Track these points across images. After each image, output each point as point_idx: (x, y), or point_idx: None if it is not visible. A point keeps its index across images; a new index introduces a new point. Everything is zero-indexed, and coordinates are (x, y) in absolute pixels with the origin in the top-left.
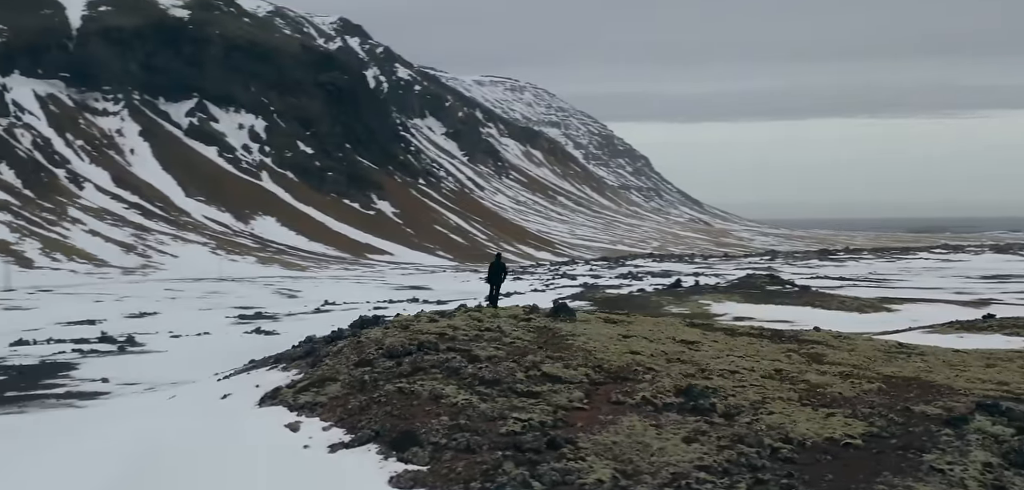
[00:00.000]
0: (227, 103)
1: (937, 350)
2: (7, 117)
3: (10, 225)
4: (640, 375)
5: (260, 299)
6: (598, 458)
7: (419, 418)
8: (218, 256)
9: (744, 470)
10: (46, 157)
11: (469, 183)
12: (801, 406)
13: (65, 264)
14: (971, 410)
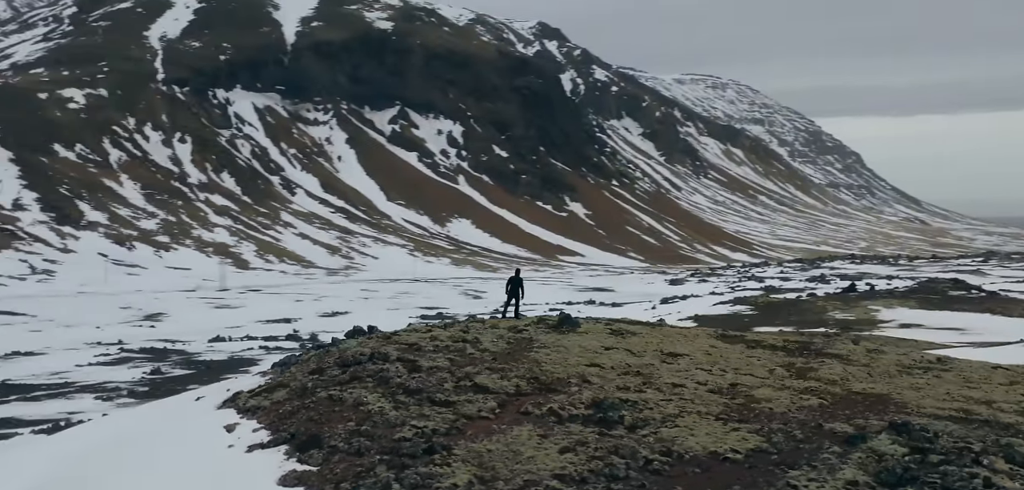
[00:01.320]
0: (427, 110)
1: (984, 367)
2: (229, 129)
3: (230, 229)
4: (571, 387)
5: (446, 299)
6: (463, 465)
7: (331, 423)
8: (415, 258)
9: (602, 479)
10: (263, 165)
11: (665, 183)
12: (714, 420)
13: (276, 265)
14: (881, 429)
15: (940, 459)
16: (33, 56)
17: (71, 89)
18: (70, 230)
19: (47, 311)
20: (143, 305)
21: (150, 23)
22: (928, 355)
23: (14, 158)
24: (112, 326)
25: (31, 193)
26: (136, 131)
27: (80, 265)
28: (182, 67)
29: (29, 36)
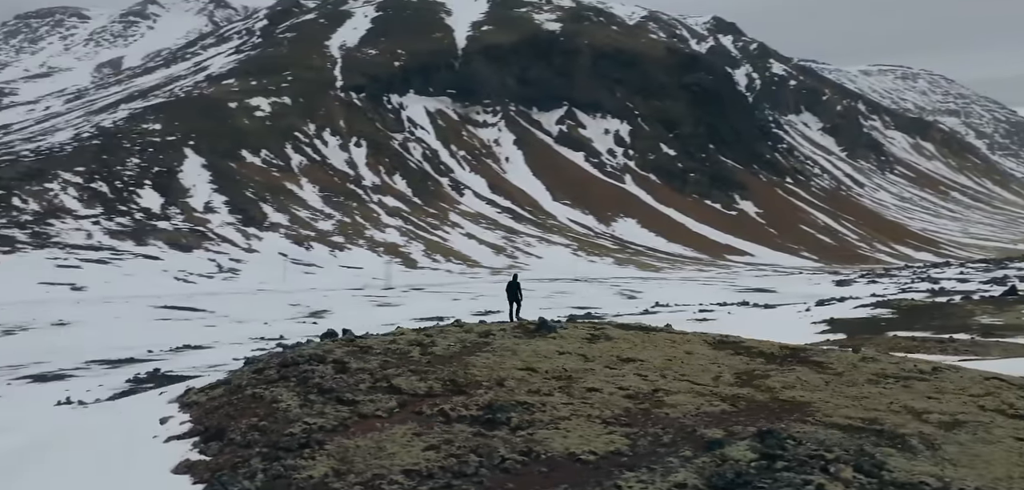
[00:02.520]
0: (594, 110)
1: (982, 378)
2: (402, 132)
3: (400, 229)
4: (479, 390)
5: (600, 299)
6: (327, 459)
7: (240, 418)
8: (578, 257)
9: (448, 475)
10: (433, 167)
11: (846, 180)
12: (599, 424)
13: (442, 265)
14: (748, 435)
15: (784, 465)
16: (226, 68)
17: (258, 98)
18: (254, 231)
19: (224, 307)
20: (311, 302)
21: (331, 33)
22: (926, 364)
23: (206, 164)
24: (279, 322)
25: (221, 197)
26: (316, 136)
27: (262, 264)
28: (359, 74)
29: (224, 49)
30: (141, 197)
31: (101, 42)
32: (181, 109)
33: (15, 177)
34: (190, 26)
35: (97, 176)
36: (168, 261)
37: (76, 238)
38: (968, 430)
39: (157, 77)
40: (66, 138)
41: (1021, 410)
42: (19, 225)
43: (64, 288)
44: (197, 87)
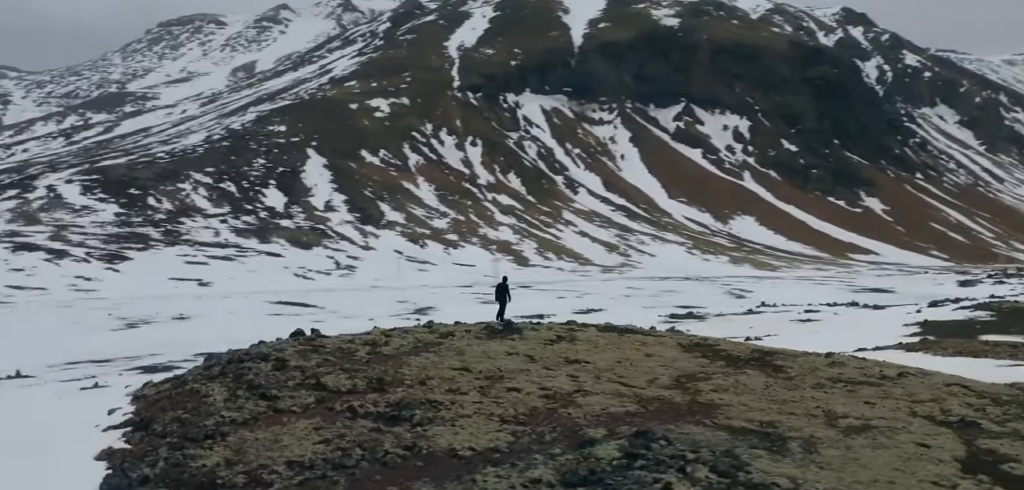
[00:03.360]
0: (712, 105)
1: (938, 383)
2: (517, 131)
3: (514, 227)
4: (398, 388)
5: (707, 299)
6: (224, 449)
7: (169, 411)
8: (692, 256)
9: (328, 465)
10: (548, 165)
11: (983, 175)
12: (498, 422)
13: (554, 263)
14: (624, 435)
15: (642, 465)
16: (348, 70)
17: (378, 99)
18: (372, 229)
19: (335, 303)
20: (418, 299)
21: (450, 34)
22: (895, 369)
23: (328, 164)
24: (383, 318)
25: (340, 195)
26: (433, 136)
27: (377, 261)
28: (475, 74)
29: (348, 51)
30: (266, 196)
31: (236, 47)
32: (305, 111)
33: (151, 178)
34: (319, 30)
35: (225, 176)
36: (289, 258)
37: (205, 236)
38: (870, 434)
39: (285, 80)
40: (198, 140)
41: (954, 417)
42: (153, 223)
43: (191, 284)
44: (321, 89)
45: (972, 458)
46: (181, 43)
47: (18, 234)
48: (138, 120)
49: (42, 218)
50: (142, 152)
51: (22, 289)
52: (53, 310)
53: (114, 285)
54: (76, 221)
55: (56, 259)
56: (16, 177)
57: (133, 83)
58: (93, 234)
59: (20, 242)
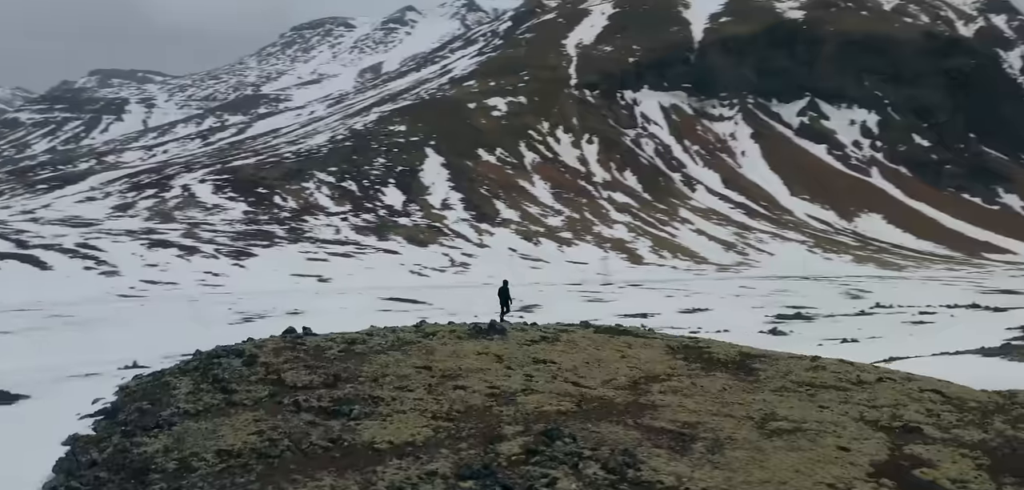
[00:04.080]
0: (838, 100)
1: (902, 386)
2: (635, 128)
3: (628, 225)
4: (349, 384)
5: (820, 299)
6: (167, 437)
7: (138, 401)
8: (814, 254)
9: (253, 455)
10: (665, 163)
11: None
12: (426, 416)
13: (668, 261)
14: (534, 432)
15: (537, 460)
16: (468, 70)
17: (495, 98)
18: (487, 227)
19: (443, 300)
20: (524, 296)
21: (568, 32)
22: (873, 374)
23: (445, 163)
24: (488, 316)
25: (457, 194)
26: (549, 134)
27: (491, 259)
28: (593, 71)
29: (469, 51)
30: (385, 195)
31: (364, 49)
32: (425, 111)
33: (278, 177)
34: (444, 30)
35: (347, 176)
36: (405, 255)
37: (326, 233)
38: (794, 437)
39: (407, 81)
40: (323, 141)
41: (900, 423)
42: (279, 221)
43: (311, 280)
44: (441, 89)
45: (888, 463)
46: (312, 46)
47: (154, 231)
48: (269, 121)
49: (176, 216)
50: (270, 152)
51: (155, 284)
52: (179, 304)
53: (239, 280)
54: (207, 219)
55: (187, 255)
56: (155, 177)
57: (267, 85)
58: (222, 231)
59: (155, 239)
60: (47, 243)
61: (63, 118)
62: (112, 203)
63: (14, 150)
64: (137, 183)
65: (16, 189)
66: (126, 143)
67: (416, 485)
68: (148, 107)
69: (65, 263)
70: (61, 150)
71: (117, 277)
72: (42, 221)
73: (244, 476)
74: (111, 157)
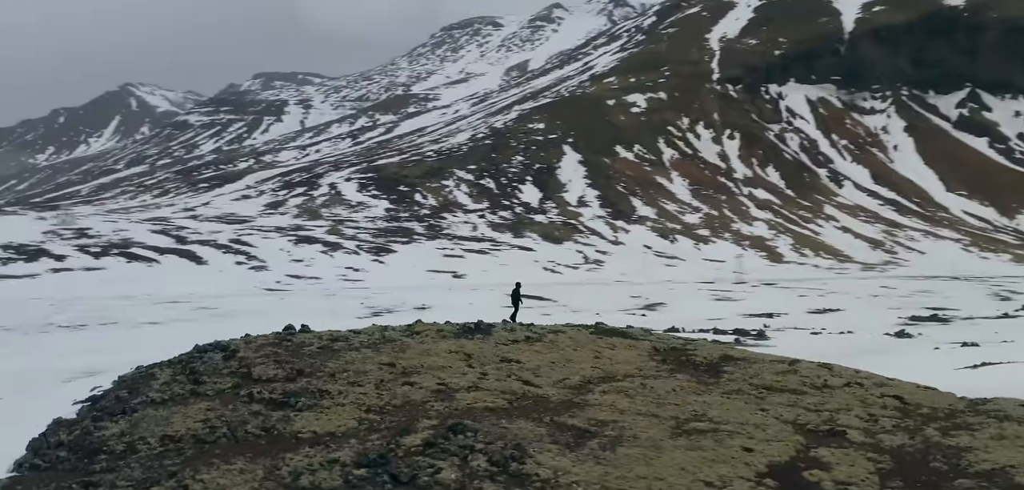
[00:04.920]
0: (1002, 90)
1: (851, 394)
2: (778, 122)
3: (769, 223)
4: (314, 378)
5: (964, 300)
6: (125, 425)
7: (122, 389)
8: (969, 253)
9: (192, 440)
10: (810, 158)
11: None
12: (360, 410)
13: (810, 260)
14: (442, 426)
15: (432, 451)
16: (609, 66)
17: (635, 94)
18: (622, 224)
19: (567, 297)
20: (650, 294)
21: (712, 25)
22: (841, 379)
23: (582, 160)
24: (610, 313)
25: (593, 191)
26: (689, 130)
27: (625, 257)
28: (736, 65)
29: (612, 47)
30: (522, 192)
31: (511, 47)
32: (563, 108)
33: (419, 175)
34: (591, 26)
35: (486, 173)
36: (540, 252)
37: (463, 230)
38: (702, 437)
39: (550, 78)
40: (464, 139)
41: (827, 427)
42: (418, 218)
43: (446, 276)
44: (581, 86)
45: (784, 465)
46: (461, 46)
47: (301, 228)
48: (416, 120)
49: (323, 213)
50: (414, 151)
51: (299, 278)
52: (319, 298)
53: (378, 276)
54: (351, 216)
55: (330, 251)
56: (305, 176)
57: (417, 85)
58: (365, 228)
59: (302, 235)
60: (204, 239)
61: (228, 120)
62: (265, 201)
63: (184, 150)
64: (288, 182)
65: (180, 188)
66: (284, 143)
67: (315, 471)
68: (305, 108)
69: (219, 258)
70: (226, 150)
71: (265, 272)
72: (201, 218)
73: (174, 459)
74: (268, 157)
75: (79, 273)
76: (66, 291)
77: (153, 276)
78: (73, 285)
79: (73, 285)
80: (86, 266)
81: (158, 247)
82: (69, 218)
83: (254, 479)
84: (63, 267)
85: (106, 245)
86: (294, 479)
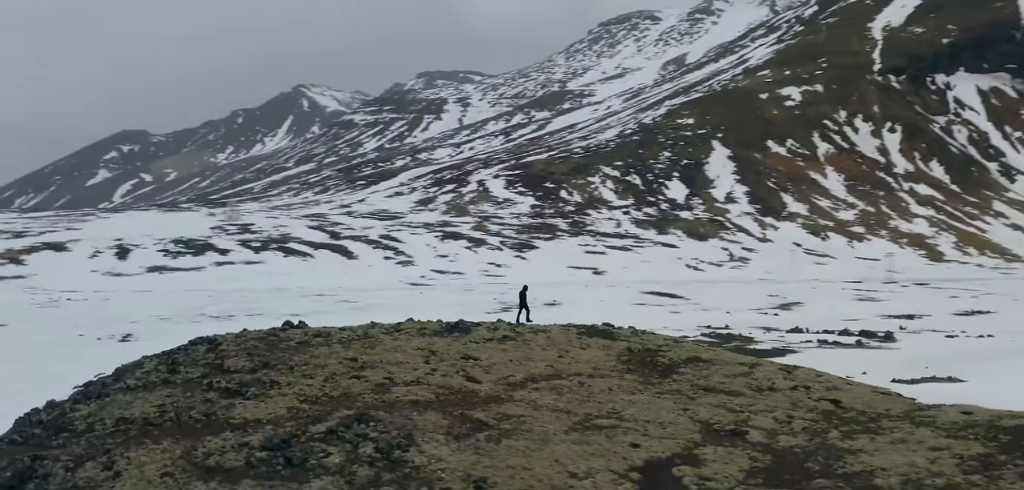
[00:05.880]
0: None
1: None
2: (945, 114)
3: (930, 220)
4: (276, 371)
5: None
6: (94, 408)
7: (117, 381)
8: None
9: (141, 423)
10: (979, 151)
11: None
12: (300, 401)
13: (973, 259)
14: (355, 417)
15: (333, 439)
16: (763, 59)
17: (789, 87)
18: (771, 221)
19: (702, 295)
20: (789, 293)
21: (875, 14)
22: (788, 383)
23: (732, 155)
24: (741, 312)
25: (742, 187)
26: (846, 123)
27: (771, 254)
28: (900, 55)
29: (769, 39)
30: (668, 189)
31: (669, 41)
32: (714, 103)
33: (565, 172)
34: (751, 17)
35: (632, 170)
36: (683, 249)
37: (606, 227)
38: (595, 433)
39: (703, 72)
40: (612, 135)
41: (731, 426)
42: (562, 215)
43: (586, 272)
44: (733, 80)
45: (661, 462)
46: (618, 41)
47: (448, 224)
48: (568, 117)
49: (470, 210)
50: (562, 148)
51: (443, 273)
52: (456, 292)
53: (518, 271)
54: (497, 212)
55: (475, 247)
56: (455, 173)
57: (572, 82)
58: (509, 224)
59: (449, 231)
60: (356, 235)
61: (390, 118)
62: (416, 198)
63: (349, 149)
64: (439, 179)
65: (340, 185)
66: (441, 141)
67: (224, 452)
68: (464, 106)
69: (368, 253)
70: (387, 148)
71: (411, 267)
72: (355, 214)
73: (116, 439)
74: (424, 154)
75: (240, 266)
76: (226, 283)
77: (307, 270)
78: (233, 278)
79: (233, 278)
80: (247, 260)
81: (313, 242)
82: (235, 214)
83: (171, 457)
84: (226, 261)
85: (266, 240)
86: (204, 458)
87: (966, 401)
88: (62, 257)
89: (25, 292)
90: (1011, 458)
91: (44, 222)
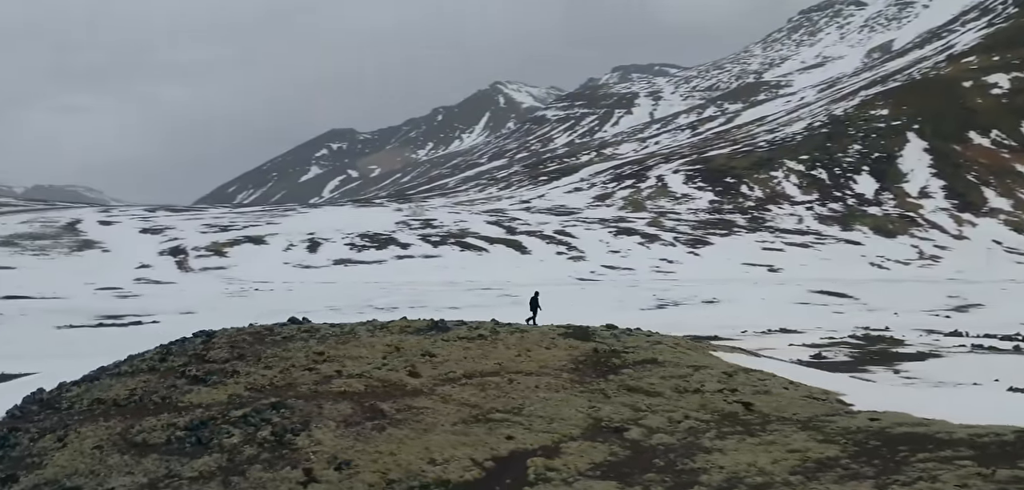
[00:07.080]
0: None
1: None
2: None
3: None
4: (247, 363)
5: None
6: (82, 390)
7: (122, 365)
8: None
9: (108, 403)
10: None
11: None
12: (241, 387)
13: None
14: (279, 404)
15: (240, 422)
16: (970, 44)
17: (997, 74)
18: (969, 217)
19: (871, 295)
20: (972, 295)
21: None
22: (717, 384)
23: (928, 147)
24: (911, 314)
25: (938, 181)
26: None
27: (966, 252)
28: None
29: (980, 23)
30: (856, 183)
31: (875, 27)
32: (911, 92)
33: (747, 166)
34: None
35: (818, 163)
36: (868, 246)
37: (787, 223)
38: (478, 426)
39: (906, 60)
40: (800, 128)
41: (627, 424)
42: (741, 210)
43: (762, 269)
44: (935, 67)
45: (522, 453)
46: (819, 28)
47: (623, 220)
48: (758, 109)
49: (646, 205)
50: (747, 141)
51: (613, 269)
52: (619, 288)
53: (690, 268)
54: (674, 208)
55: (648, 243)
56: (636, 168)
57: (769, 72)
58: (685, 220)
59: (623, 227)
60: (531, 230)
61: (581, 113)
62: (594, 193)
63: (540, 144)
64: (619, 174)
65: (523, 181)
66: (629, 136)
67: (153, 430)
68: (655, 100)
69: (542, 248)
70: (577, 143)
71: (582, 262)
72: (533, 210)
73: (83, 417)
74: (608, 150)
75: (418, 260)
76: (401, 276)
77: (481, 264)
78: (410, 271)
79: (410, 271)
80: (425, 254)
81: (490, 237)
82: (419, 210)
83: (110, 434)
84: (405, 254)
85: (445, 235)
86: (136, 435)
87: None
88: (259, 250)
89: (222, 282)
90: (853, 460)
91: (249, 217)
